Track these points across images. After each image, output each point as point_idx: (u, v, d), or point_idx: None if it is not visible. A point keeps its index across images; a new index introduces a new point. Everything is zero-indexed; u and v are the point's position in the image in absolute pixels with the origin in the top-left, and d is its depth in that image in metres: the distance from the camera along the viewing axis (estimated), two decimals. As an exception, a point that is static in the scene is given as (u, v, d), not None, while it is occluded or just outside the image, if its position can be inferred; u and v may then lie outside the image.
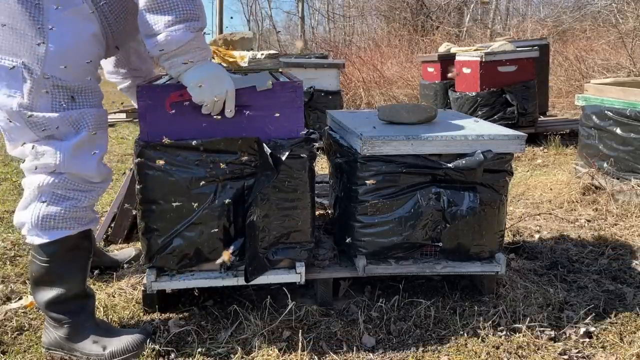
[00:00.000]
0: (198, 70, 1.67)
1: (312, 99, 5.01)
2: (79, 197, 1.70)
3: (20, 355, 1.76)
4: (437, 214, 1.97)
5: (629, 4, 9.25)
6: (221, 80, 1.71)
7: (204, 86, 1.68)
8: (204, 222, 1.84)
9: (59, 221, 1.67)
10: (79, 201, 1.70)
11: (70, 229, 1.69)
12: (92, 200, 1.74)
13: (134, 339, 1.74)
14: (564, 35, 11.03)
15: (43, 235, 1.67)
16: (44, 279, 1.71)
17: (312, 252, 2.00)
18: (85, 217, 1.73)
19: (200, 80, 1.67)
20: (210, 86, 1.69)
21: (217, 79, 1.70)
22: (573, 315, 1.98)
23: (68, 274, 1.73)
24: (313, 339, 1.81)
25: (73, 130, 1.66)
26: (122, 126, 6.95)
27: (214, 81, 1.70)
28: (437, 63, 6.19)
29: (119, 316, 1.97)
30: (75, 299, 1.74)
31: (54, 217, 1.67)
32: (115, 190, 3.39)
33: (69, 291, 1.72)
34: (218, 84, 1.70)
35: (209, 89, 1.69)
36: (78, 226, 1.71)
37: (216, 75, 1.71)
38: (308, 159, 1.87)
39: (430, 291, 2.16)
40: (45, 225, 1.66)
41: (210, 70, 1.70)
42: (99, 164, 1.74)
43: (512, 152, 2.00)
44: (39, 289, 1.73)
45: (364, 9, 15.65)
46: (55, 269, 1.71)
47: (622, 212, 3.14)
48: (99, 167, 1.74)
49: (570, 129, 5.49)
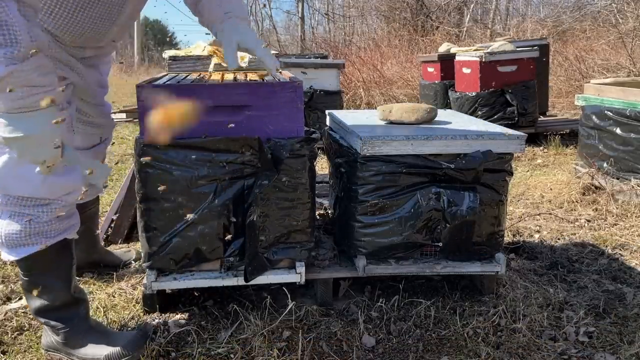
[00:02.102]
0: (17, 122, 1.31)
1: (312, 99, 5.01)
2: (35, 213, 1.56)
3: (20, 355, 1.76)
4: (437, 214, 1.97)
5: (629, 4, 9.25)
6: (42, 146, 1.35)
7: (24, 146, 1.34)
8: (204, 221, 1.84)
9: (23, 238, 1.56)
10: (37, 217, 1.56)
11: (37, 245, 1.58)
12: (52, 214, 1.58)
13: (131, 341, 1.70)
14: (564, 35, 11.03)
15: (11, 252, 1.59)
16: (29, 289, 1.65)
17: (312, 251, 2.00)
18: (52, 230, 1.60)
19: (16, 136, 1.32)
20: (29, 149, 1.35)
21: (36, 144, 1.34)
22: (573, 315, 1.98)
23: (50, 285, 1.65)
24: (313, 339, 1.81)
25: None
26: (122, 126, 6.95)
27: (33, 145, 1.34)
28: (437, 63, 6.19)
29: (119, 316, 1.97)
30: (63, 308, 1.68)
31: (17, 235, 1.56)
32: (115, 191, 3.39)
33: (54, 301, 1.66)
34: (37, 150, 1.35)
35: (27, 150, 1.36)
36: (46, 240, 1.59)
37: (39, 139, 1.34)
38: (308, 158, 1.87)
39: (430, 291, 2.16)
40: (11, 243, 1.57)
41: (33, 130, 1.32)
42: (45, 181, 1.52)
43: (512, 152, 2.00)
44: (28, 297, 1.69)
45: (364, 9, 15.65)
46: (35, 281, 1.63)
47: (622, 212, 3.14)
48: (45, 185, 1.53)
49: (570, 129, 5.50)
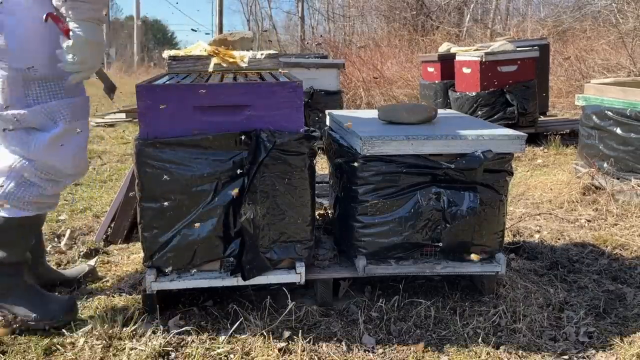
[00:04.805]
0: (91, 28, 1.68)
1: (312, 99, 5.01)
2: (45, 185, 1.76)
3: (20, 355, 1.76)
4: (437, 214, 1.97)
5: (629, 4, 9.25)
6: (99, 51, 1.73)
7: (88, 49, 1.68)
8: (204, 219, 1.84)
9: (21, 203, 1.74)
10: (44, 189, 1.76)
11: (28, 211, 1.76)
12: (57, 190, 1.80)
13: (62, 304, 1.85)
14: (564, 35, 11.02)
15: (1, 210, 1.74)
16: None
17: (312, 250, 2.00)
18: (46, 203, 1.80)
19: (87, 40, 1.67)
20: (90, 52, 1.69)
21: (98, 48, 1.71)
22: (573, 315, 1.98)
23: (11, 244, 1.80)
24: (313, 339, 1.81)
25: (50, 122, 1.71)
26: (122, 126, 6.95)
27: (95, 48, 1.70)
28: (437, 63, 6.19)
29: (119, 316, 1.96)
30: (11, 265, 1.81)
31: (17, 199, 1.73)
32: (115, 191, 3.39)
33: (7, 258, 1.80)
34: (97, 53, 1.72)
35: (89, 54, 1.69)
36: (37, 211, 1.79)
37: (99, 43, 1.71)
38: (308, 156, 1.87)
39: (430, 291, 2.16)
40: (11, 204, 1.73)
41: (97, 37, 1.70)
42: (75, 156, 1.78)
43: (512, 152, 2.00)
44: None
45: (364, 9, 15.65)
46: (3, 237, 1.78)
47: (622, 212, 3.13)
48: (75, 160, 1.78)
49: (570, 129, 5.49)
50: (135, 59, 22.60)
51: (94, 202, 3.41)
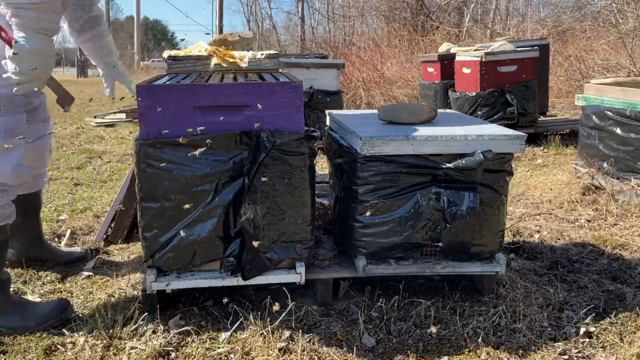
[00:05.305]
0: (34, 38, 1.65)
1: (312, 99, 5.01)
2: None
3: (20, 355, 1.76)
4: (437, 214, 1.97)
5: (629, 4, 9.25)
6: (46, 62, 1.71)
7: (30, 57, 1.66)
8: (204, 219, 1.84)
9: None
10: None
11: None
12: (7, 199, 1.82)
13: (54, 305, 1.89)
14: (564, 35, 11.03)
15: None
16: None
17: (312, 250, 2.00)
18: (2, 214, 1.82)
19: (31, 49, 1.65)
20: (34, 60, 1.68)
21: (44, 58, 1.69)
22: (573, 315, 1.98)
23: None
24: (313, 339, 1.81)
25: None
26: (122, 126, 6.95)
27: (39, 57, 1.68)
28: (437, 63, 6.19)
29: (119, 316, 1.96)
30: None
31: None
32: (115, 191, 3.39)
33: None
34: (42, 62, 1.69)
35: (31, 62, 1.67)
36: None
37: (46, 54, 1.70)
38: (308, 156, 1.87)
39: (430, 291, 2.16)
40: None
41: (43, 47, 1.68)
42: (14, 171, 1.81)
43: (512, 152, 2.00)
44: None
45: (364, 9, 15.66)
46: None
47: (622, 212, 3.14)
48: (14, 171, 1.81)
49: (570, 129, 5.50)
50: (136, 59, 22.60)
51: (94, 202, 3.41)
